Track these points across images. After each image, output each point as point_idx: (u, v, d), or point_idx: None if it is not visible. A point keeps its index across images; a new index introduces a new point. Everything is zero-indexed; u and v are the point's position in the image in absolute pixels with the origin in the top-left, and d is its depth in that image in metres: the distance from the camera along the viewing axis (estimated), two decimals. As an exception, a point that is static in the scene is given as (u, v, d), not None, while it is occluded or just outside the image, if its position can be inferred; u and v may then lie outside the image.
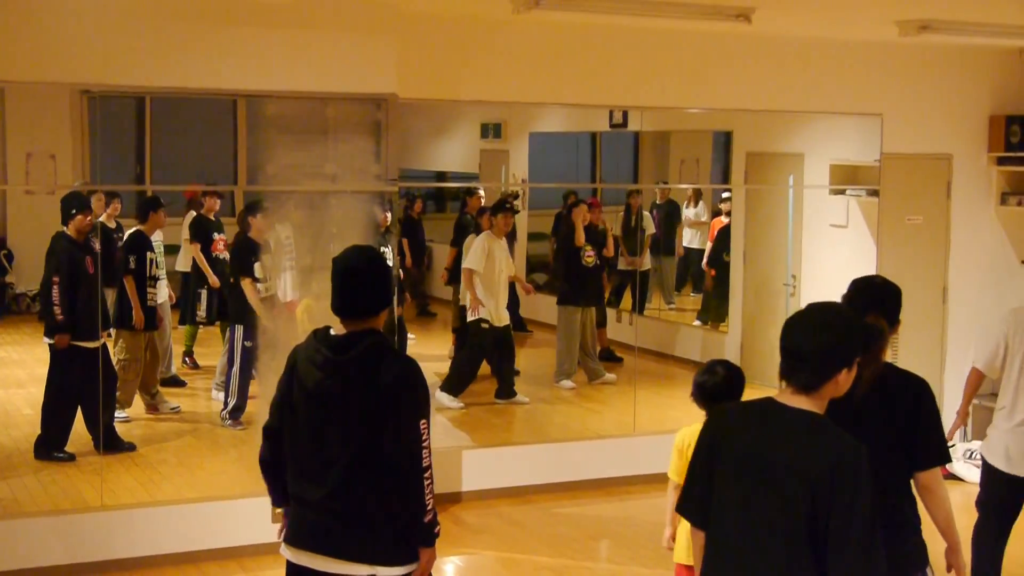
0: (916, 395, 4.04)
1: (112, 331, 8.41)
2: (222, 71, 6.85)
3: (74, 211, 7.69)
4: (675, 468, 4.97)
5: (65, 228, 7.74)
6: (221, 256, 9.38)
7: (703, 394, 4.78)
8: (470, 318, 9.75)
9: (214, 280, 9.31)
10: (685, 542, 4.81)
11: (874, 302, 4.07)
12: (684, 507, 3.46)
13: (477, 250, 9.71)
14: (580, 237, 10.15)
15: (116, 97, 8.30)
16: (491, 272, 9.69)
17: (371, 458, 3.82)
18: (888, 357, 4.05)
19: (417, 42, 7.60)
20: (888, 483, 3.88)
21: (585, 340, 10.38)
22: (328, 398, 3.86)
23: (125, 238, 8.69)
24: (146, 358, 8.68)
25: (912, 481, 4.08)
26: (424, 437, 3.82)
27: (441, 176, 13.11)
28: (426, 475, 3.86)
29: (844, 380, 3.25)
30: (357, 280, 3.91)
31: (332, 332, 3.95)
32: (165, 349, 9.38)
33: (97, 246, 7.83)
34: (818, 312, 3.32)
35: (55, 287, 7.61)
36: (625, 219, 11.54)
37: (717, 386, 4.73)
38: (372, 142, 7.24)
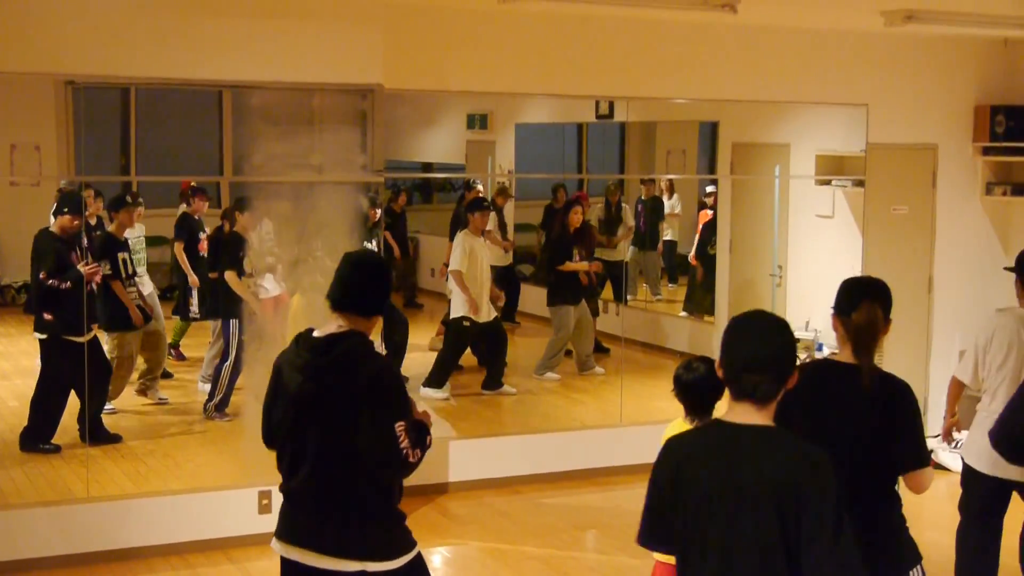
0: (898, 398, 3.94)
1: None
2: (207, 62, 6.83)
3: (65, 210, 7.68)
4: None
5: (51, 223, 7.73)
6: (204, 256, 9.34)
7: (681, 388, 4.76)
8: (453, 315, 9.78)
9: (193, 279, 9.26)
10: None
11: (868, 293, 4.01)
12: (650, 543, 3.33)
13: (458, 250, 9.74)
14: (571, 250, 10.29)
15: (101, 88, 8.26)
16: (474, 270, 9.71)
17: (351, 457, 3.84)
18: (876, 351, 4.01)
19: (403, 32, 7.58)
20: (868, 485, 3.85)
21: (582, 339, 10.39)
22: (309, 400, 3.89)
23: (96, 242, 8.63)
24: (151, 344, 8.72)
25: (892, 482, 4.00)
26: (402, 439, 3.83)
27: (427, 167, 13.09)
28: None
29: (790, 383, 3.21)
30: (363, 277, 3.97)
31: (315, 334, 3.96)
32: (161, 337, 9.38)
33: (85, 240, 7.81)
34: (760, 320, 3.25)
35: (47, 283, 7.59)
36: (605, 212, 11.61)
37: (695, 382, 4.67)
38: (358, 133, 7.23)
